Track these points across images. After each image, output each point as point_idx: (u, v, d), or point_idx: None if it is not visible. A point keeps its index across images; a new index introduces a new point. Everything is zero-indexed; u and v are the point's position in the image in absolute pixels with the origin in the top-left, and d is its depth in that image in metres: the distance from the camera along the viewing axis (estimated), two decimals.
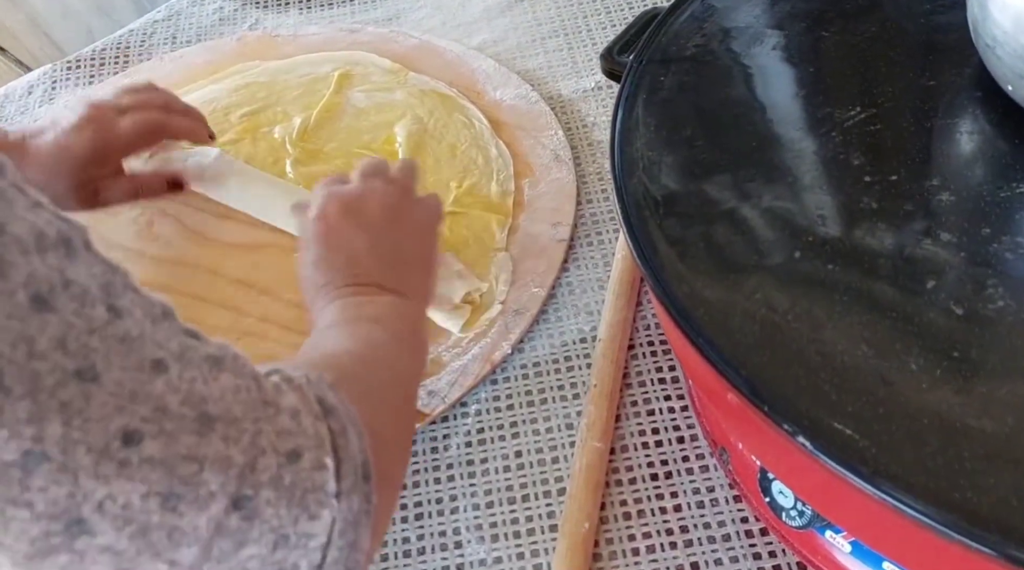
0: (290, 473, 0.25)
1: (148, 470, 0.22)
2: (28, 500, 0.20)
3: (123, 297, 0.23)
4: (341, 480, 0.26)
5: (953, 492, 0.30)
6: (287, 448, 0.25)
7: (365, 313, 0.40)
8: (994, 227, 0.36)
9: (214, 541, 0.23)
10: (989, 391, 0.32)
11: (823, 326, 0.35)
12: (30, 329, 0.20)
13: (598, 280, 0.60)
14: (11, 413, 0.19)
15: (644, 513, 0.49)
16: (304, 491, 0.25)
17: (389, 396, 0.35)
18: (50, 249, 0.21)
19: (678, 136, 0.44)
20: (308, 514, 0.25)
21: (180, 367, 0.23)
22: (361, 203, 0.46)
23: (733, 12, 0.49)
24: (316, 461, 0.26)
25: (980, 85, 0.41)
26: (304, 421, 0.26)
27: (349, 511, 0.26)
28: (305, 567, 0.25)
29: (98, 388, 0.21)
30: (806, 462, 0.32)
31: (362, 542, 0.27)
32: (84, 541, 0.21)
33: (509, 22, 0.79)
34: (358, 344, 0.37)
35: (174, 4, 0.88)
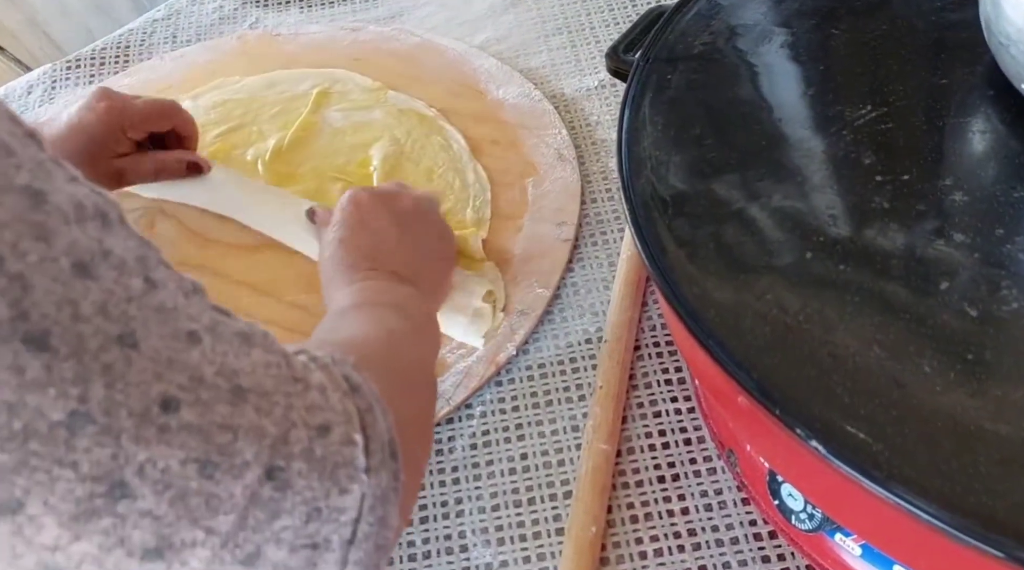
0: (320, 446, 0.25)
1: (186, 436, 0.22)
2: (74, 460, 0.20)
3: (157, 271, 0.23)
4: (370, 456, 0.26)
5: (968, 496, 0.29)
6: (317, 422, 0.25)
7: (385, 299, 0.41)
8: (1008, 227, 0.36)
9: (249, 510, 0.23)
10: (1004, 394, 0.31)
11: (835, 328, 0.35)
12: (73, 293, 0.20)
13: (603, 280, 0.60)
14: (58, 373, 0.20)
15: (651, 516, 0.48)
16: (335, 465, 0.25)
17: (410, 379, 0.36)
18: (88, 220, 0.22)
19: (686, 135, 0.43)
20: (339, 488, 0.25)
21: (212, 340, 0.24)
22: (394, 197, 0.48)
23: (740, 9, 0.49)
24: (345, 436, 0.26)
25: (993, 83, 0.40)
26: (332, 397, 0.27)
27: (378, 487, 0.26)
28: (337, 541, 0.25)
29: (138, 354, 0.22)
30: (818, 466, 0.32)
31: (391, 519, 0.27)
32: (126, 504, 0.21)
33: (512, 20, 0.79)
34: (378, 328, 0.38)
35: (174, 3, 0.87)
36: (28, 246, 0.20)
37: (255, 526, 0.23)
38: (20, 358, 0.19)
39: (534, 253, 0.61)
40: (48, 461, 0.20)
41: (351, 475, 0.26)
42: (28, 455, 0.20)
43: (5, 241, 0.20)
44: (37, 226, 0.20)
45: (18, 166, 0.21)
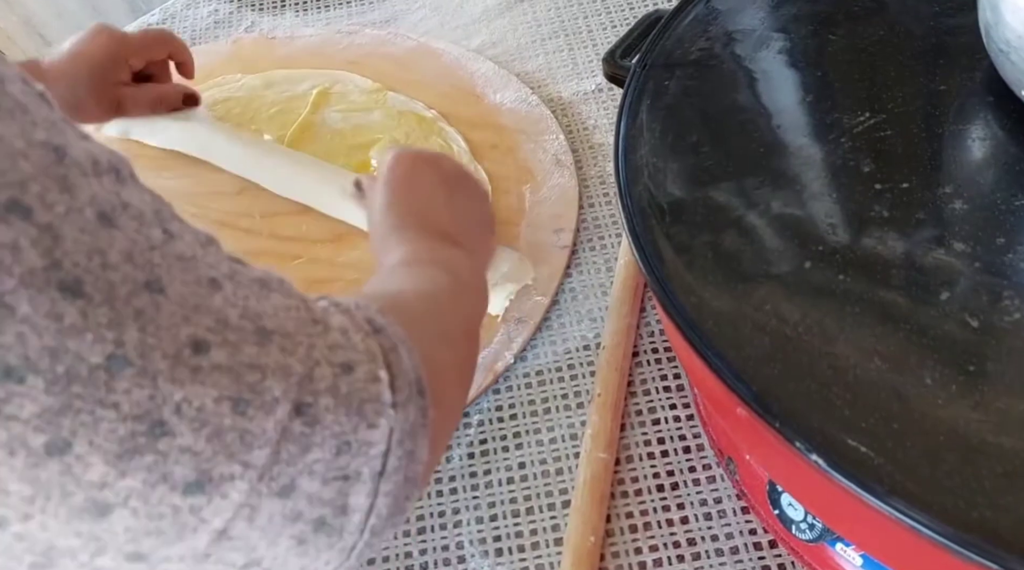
0: (346, 383, 0.26)
1: (218, 376, 0.23)
2: (115, 401, 0.21)
3: (172, 223, 0.24)
4: (396, 392, 0.27)
5: (971, 511, 0.29)
6: (340, 360, 0.26)
7: (435, 257, 0.42)
8: (1009, 236, 0.35)
9: (282, 444, 0.24)
10: (1007, 406, 0.31)
11: (835, 339, 0.34)
12: (101, 242, 0.21)
13: (601, 285, 0.60)
14: (93, 318, 0.21)
15: (650, 525, 0.48)
16: (361, 401, 0.26)
17: (447, 330, 0.37)
18: (104, 174, 0.22)
19: (683, 143, 0.43)
20: (367, 423, 0.26)
21: (233, 286, 0.25)
22: (438, 159, 0.49)
23: (738, 15, 0.48)
24: (370, 373, 0.26)
25: (992, 90, 0.40)
26: (354, 337, 0.27)
27: (406, 421, 0.27)
28: (367, 473, 0.26)
29: (165, 299, 0.22)
30: (818, 479, 0.32)
31: (420, 453, 0.28)
32: (166, 442, 0.22)
33: (508, 23, 0.78)
34: (420, 283, 0.39)
35: (169, 7, 0.87)
36: (55, 198, 0.20)
37: (288, 459, 0.24)
38: (57, 305, 0.20)
39: (532, 260, 0.60)
40: (91, 402, 0.21)
41: (378, 410, 0.26)
42: (72, 398, 0.20)
43: (32, 193, 0.20)
44: (61, 179, 0.21)
45: (35, 123, 0.21)
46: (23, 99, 0.21)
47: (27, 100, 0.21)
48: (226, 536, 0.23)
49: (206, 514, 0.23)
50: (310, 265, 0.62)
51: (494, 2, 0.80)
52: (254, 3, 0.86)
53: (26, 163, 0.20)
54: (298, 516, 0.24)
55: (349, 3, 0.84)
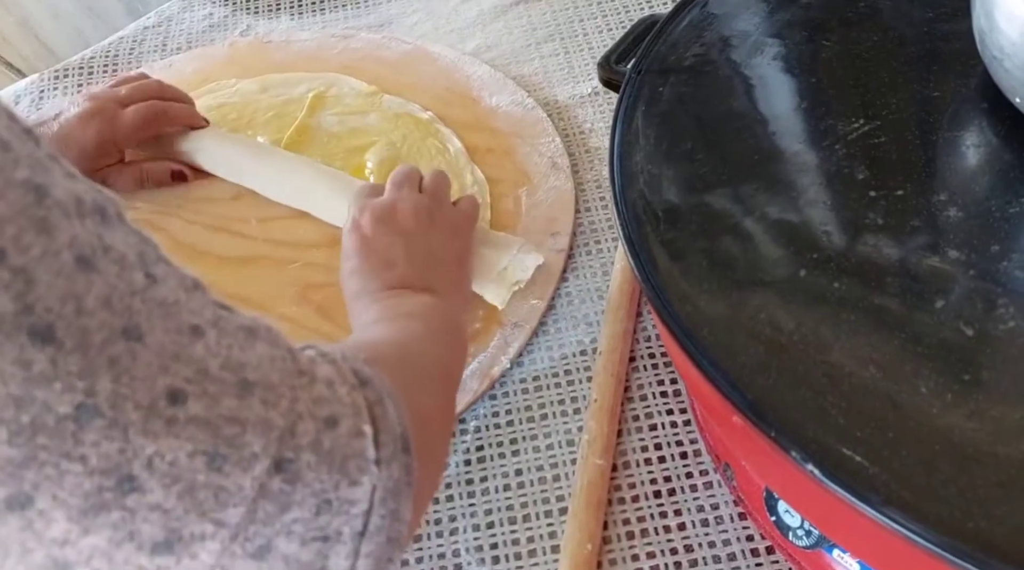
0: (329, 438, 0.25)
1: (194, 429, 0.22)
2: (82, 454, 0.20)
3: (157, 266, 0.23)
4: (380, 448, 0.26)
5: (967, 522, 0.29)
6: (324, 414, 0.25)
7: (401, 311, 0.42)
8: (1004, 244, 0.35)
9: (259, 503, 0.23)
10: (1002, 415, 0.31)
11: (830, 347, 0.34)
12: (77, 287, 0.20)
13: (597, 290, 0.60)
14: (64, 366, 0.20)
15: (648, 532, 0.48)
16: (344, 457, 0.25)
17: (427, 377, 0.36)
18: (88, 215, 0.22)
19: (678, 149, 0.43)
20: (349, 480, 0.25)
21: (217, 334, 0.24)
22: (392, 212, 0.49)
23: (732, 20, 0.48)
24: (354, 428, 0.26)
25: (986, 96, 0.40)
26: (339, 390, 0.27)
27: (389, 479, 0.26)
28: (348, 533, 0.25)
29: (143, 348, 0.22)
30: (814, 488, 0.32)
31: (403, 512, 0.27)
32: (135, 498, 0.21)
33: (503, 27, 0.78)
34: (395, 334, 0.39)
35: (164, 10, 0.86)
36: (31, 240, 0.20)
37: (265, 519, 0.23)
38: (26, 352, 0.19)
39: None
40: (56, 455, 0.20)
41: (361, 467, 0.26)
42: (36, 449, 0.20)
43: (7, 236, 0.19)
44: (39, 221, 0.20)
45: (16, 161, 0.20)
46: (6, 136, 0.21)
47: (10, 137, 0.21)
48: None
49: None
50: (306, 269, 0.62)
51: (489, 5, 0.80)
52: (249, 7, 0.85)
53: (2, 203, 0.20)
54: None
55: (344, 6, 0.83)
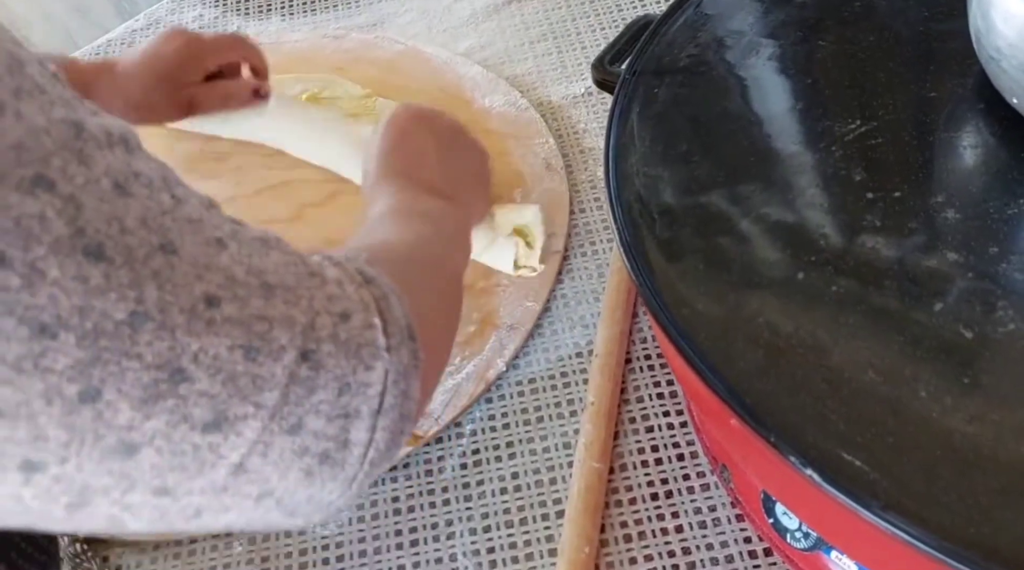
0: (344, 331, 0.28)
1: (230, 327, 0.25)
2: (138, 353, 0.23)
3: (178, 188, 0.26)
4: (389, 337, 0.29)
5: (968, 527, 0.29)
6: (338, 310, 0.28)
7: (418, 208, 0.43)
8: (1002, 246, 0.35)
9: (290, 387, 0.26)
10: (1002, 419, 0.31)
11: (829, 351, 0.34)
12: (118, 210, 0.23)
13: (593, 291, 0.59)
14: (116, 279, 0.23)
15: (645, 534, 0.48)
16: (359, 345, 0.28)
17: (431, 276, 0.39)
18: (116, 145, 0.24)
19: (674, 151, 0.43)
20: (364, 365, 0.28)
21: (237, 245, 0.27)
22: (433, 116, 0.51)
23: (727, 20, 0.48)
24: (365, 321, 0.29)
25: (982, 96, 0.40)
26: (348, 288, 0.29)
27: (399, 363, 0.29)
28: (366, 411, 0.28)
29: (179, 260, 0.24)
30: (814, 493, 0.31)
31: (413, 392, 0.30)
32: (185, 387, 0.24)
33: (496, 26, 0.78)
34: (403, 232, 0.41)
35: (153, 12, 0.86)
36: (74, 170, 0.22)
37: (296, 400, 0.26)
38: (83, 269, 0.22)
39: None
40: (117, 354, 0.23)
41: (374, 354, 0.28)
42: (100, 350, 0.22)
43: (55, 167, 0.22)
44: (78, 153, 0.23)
45: (52, 102, 0.23)
46: (40, 80, 0.23)
47: (44, 81, 0.23)
48: (242, 470, 0.26)
49: (223, 450, 0.25)
50: None
51: (482, 5, 0.80)
52: (239, 8, 0.85)
53: (48, 139, 0.22)
54: (305, 451, 0.27)
55: (336, 7, 0.83)
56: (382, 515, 0.50)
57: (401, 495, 0.51)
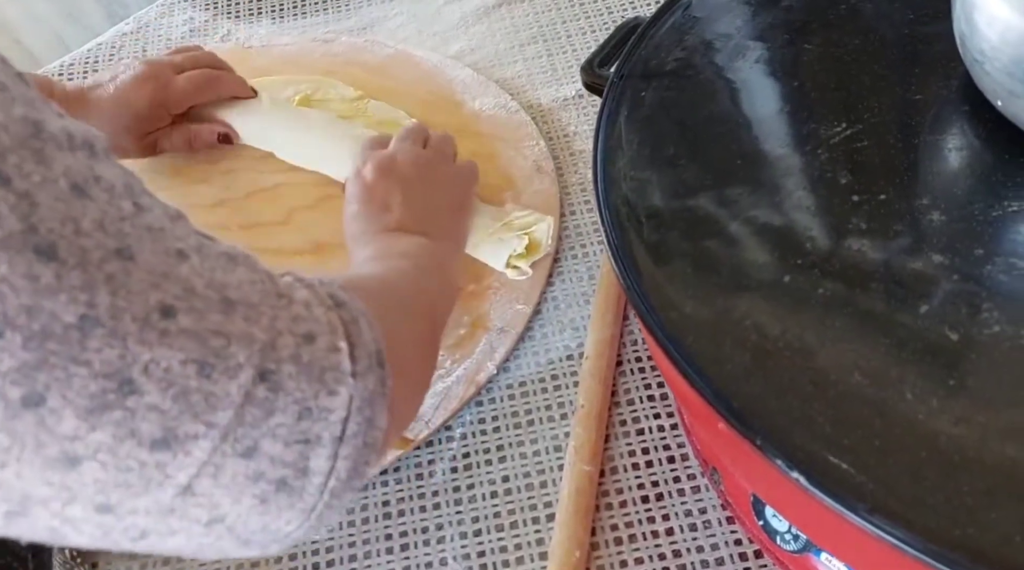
0: (307, 352, 0.27)
1: (184, 340, 0.24)
2: (87, 359, 0.22)
3: (143, 196, 0.26)
4: (355, 362, 0.28)
5: (954, 529, 0.29)
6: (302, 331, 0.27)
7: (394, 251, 0.44)
8: (987, 248, 0.35)
9: (245, 407, 0.25)
10: (988, 421, 0.31)
11: (815, 353, 0.34)
12: (74, 211, 0.23)
13: (583, 294, 0.59)
14: (67, 280, 0.22)
15: (635, 537, 0.48)
16: (322, 369, 0.27)
17: (407, 304, 0.39)
18: (78, 148, 0.24)
19: (661, 154, 0.43)
20: (327, 390, 0.27)
21: (200, 258, 0.26)
22: (393, 161, 0.52)
23: (715, 23, 0.48)
24: (330, 344, 0.28)
25: (967, 98, 0.40)
26: (316, 311, 0.29)
27: (364, 390, 0.28)
28: (327, 437, 0.27)
29: (135, 266, 0.24)
30: (801, 496, 0.32)
31: (379, 420, 0.29)
32: (134, 400, 0.23)
33: (486, 29, 0.78)
34: (382, 270, 0.42)
35: (143, 15, 0.85)
36: (31, 168, 0.22)
37: (252, 422, 0.25)
38: (33, 267, 0.21)
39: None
40: (64, 359, 0.22)
41: (338, 378, 0.28)
42: (47, 354, 0.22)
43: (10, 164, 0.22)
44: (37, 151, 0.22)
45: (13, 99, 0.23)
46: (2, 78, 0.23)
47: (5, 79, 0.23)
48: (190, 492, 0.25)
49: (171, 470, 0.24)
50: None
51: (472, 8, 0.80)
52: (230, 11, 0.85)
53: (5, 135, 0.22)
54: (260, 476, 0.26)
55: (326, 10, 0.83)
56: (372, 519, 0.50)
57: (391, 499, 0.51)
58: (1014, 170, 0.37)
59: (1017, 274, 0.34)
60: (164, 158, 0.69)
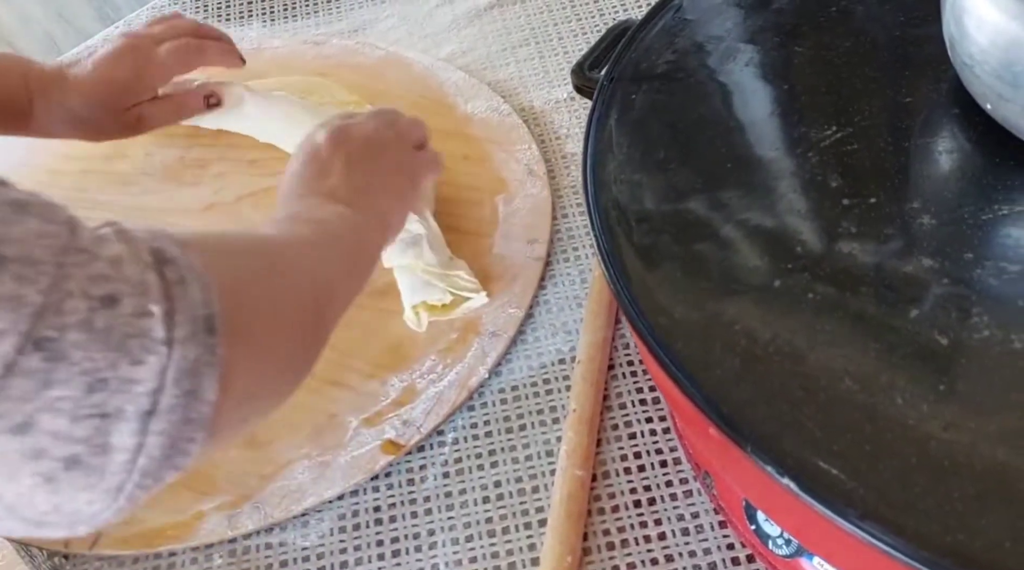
0: (104, 317, 0.24)
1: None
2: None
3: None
4: (174, 328, 0.26)
5: (945, 535, 0.29)
6: (100, 293, 0.25)
7: (309, 216, 0.42)
8: (977, 252, 0.35)
9: (10, 379, 0.23)
10: (978, 426, 0.31)
11: (805, 358, 0.34)
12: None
13: (576, 297, 0.59)
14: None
15: (628, 542, 0.48)
16: (124, 336, 0.25)
17: (284, 274, 0.36)
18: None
19: (651, 158, 0.42)
20: (131, 359, 0.25)
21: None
22: (347, 132, 0.50)
23: (705, 25, 0.48)
24: (138, 307, 0.25)
25: (957, 101, 0.40)
26: (127, 269, 0.26)
27: (184, 360, 0.26)
28: (132, 411, 0.25)
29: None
30: (792, 502, 0.31)
31: (205, 393, 0.27)
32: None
33: (478, 31, 0.78)
34: (274, 231, 0.39)
35: (132, 19, 0.85)
36: None
37: (22, 396, 0.23)
38: None
39: (506, 272, 0.60)
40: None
41: (145, 346, 0.25)
42: None
43: None
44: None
45: None
46: None
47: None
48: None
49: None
50: None
51: (463, 10, 0.79)
52: (220, 14, 0.84)
53: None
54: (41, 453, 0.24)
55: (317, 12, 0.83)
56: (363, 525, 0.50)
57: (383, 505, 0.51)
58: (1004, 173, 0.37)
59: (1007, 278, 0.34)
60: (154, 160, 0.69)
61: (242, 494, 0.51)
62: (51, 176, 0.70)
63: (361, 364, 0.56)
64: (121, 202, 0.67)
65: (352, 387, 0.55)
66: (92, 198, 0.68)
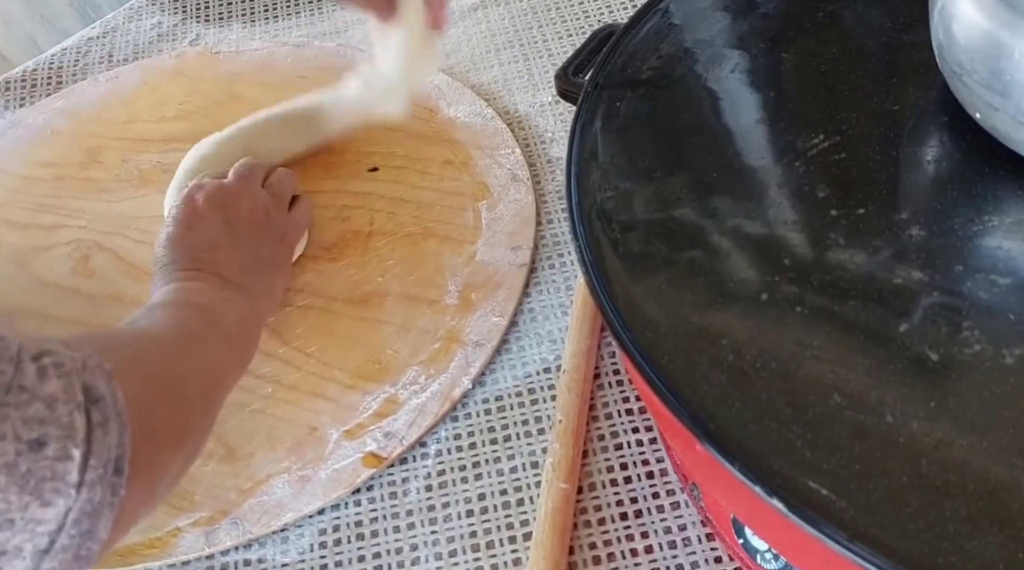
0: (28, 461, 0.25)
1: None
2: None
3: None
4: (87, 471, 0.27)
5: (936, 557, 0.28)
6: (31, 436, 0.26)
7: (195, 300, 0.42)
8: (967, 264, 0.34)
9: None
10: (970, 444, 0.30)
11: (793, 375, 0.33)
12: None
13: (561, 305, 0.58)
14: None
15: (615, 556, 0.47)
16: (41, 479, 0.26)
17: (181, 387, 0.36)
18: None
19: (636, 167, 0.42)
20: (40, 501, 0.25)
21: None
22: (233, 199, 0.49)
23: (691, 30, 0.47)
24: (61, 451, 0.26)
25: (946, 109, 0.39)
26: (59, 410, 0.27)
27: (89, 502, 0.27)
28: (29, 550, 0.26)
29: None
30: (780, 521, 0.31)
31: (99, 532, 0.27)
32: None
33: (461, 33, 0.77)
34: (169, 330, 0.39)
35: (110, 20, 0.83)
36: None
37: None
38: None
39: (489, 280, 0.59)
40: None
41: (58, 489, 0.26)
42: None
43: None
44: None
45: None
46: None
47: None
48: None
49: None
50: None
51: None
52: (199, 15, 0.83)
53: None
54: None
55: (298, 14, 0.81)
56: (344, 541, 0.49)
57: (364, 519, 0.50)
58: (993, 183, 0.37)
59: (997, 291, 0.33)
60: (130, 167, 0.68)
61: (220, 509, 0.50)
62: (25, 183, 0.68)
63: (342, 375, 0.54)
64: (96, 209, 0.66)
65: (332, 399, 0.53)
66: (67, 205, 0.66)
